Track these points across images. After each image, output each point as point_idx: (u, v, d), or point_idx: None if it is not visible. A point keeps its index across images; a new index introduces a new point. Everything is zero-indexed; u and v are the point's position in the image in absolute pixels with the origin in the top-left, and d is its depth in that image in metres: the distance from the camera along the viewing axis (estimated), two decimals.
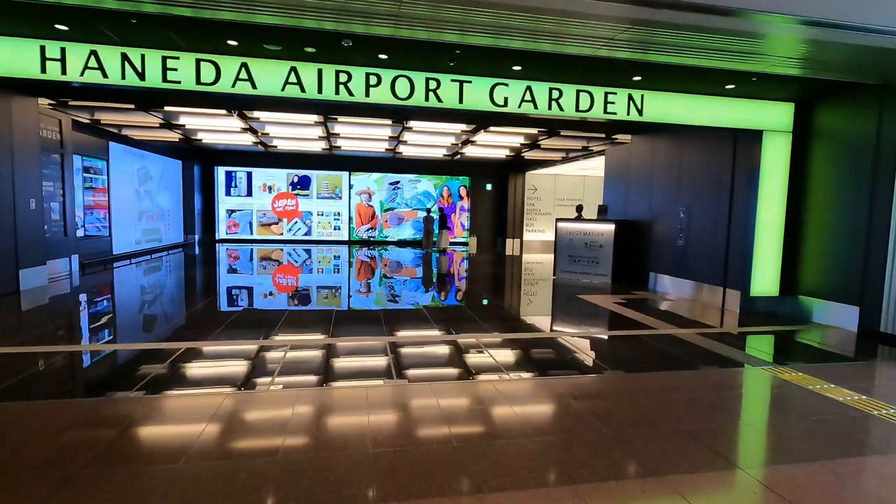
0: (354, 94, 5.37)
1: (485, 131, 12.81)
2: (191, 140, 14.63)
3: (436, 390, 3.55)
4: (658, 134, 8.72)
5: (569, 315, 6.79)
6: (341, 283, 9.98)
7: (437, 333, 5.30)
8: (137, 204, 12.62)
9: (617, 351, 4.97)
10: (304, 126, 12.99)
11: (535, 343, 5.14)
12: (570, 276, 9.69)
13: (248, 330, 5.40)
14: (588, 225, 9.51)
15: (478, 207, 19.20)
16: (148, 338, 5.06)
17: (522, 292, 8.81)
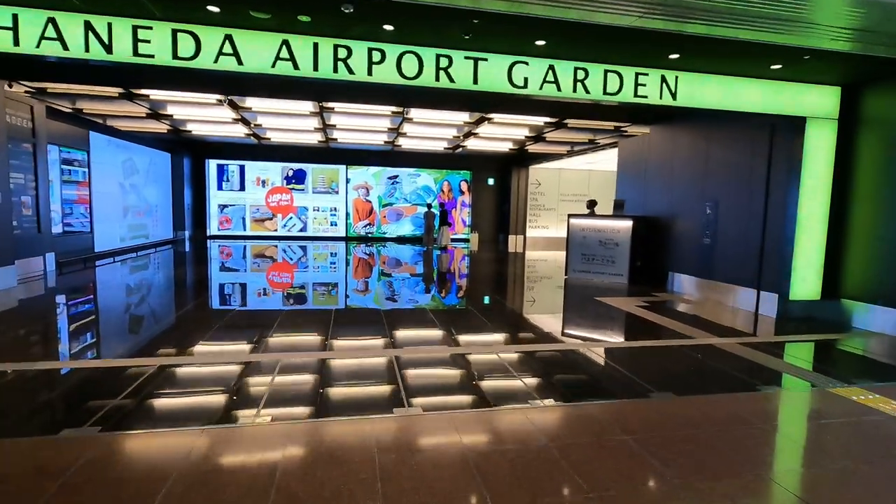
0: (355, 73, 4.71)
1: (489, 122, 12.20)
2: (180, 131, 13.92)
3: (457, 423, 2.92)
4: (682, 123, 8.09)
5: (590, 321, 6.17)
6: (338, 281, 9.34)
7: (448, 347, 4.67)
8: (122, 198, 11.91)
9: (655, 366, 4.36)
10: (299, 116, 12.33)
11: (561, 357, 4.52)
12: (584, 277, 9.08)
13: (234, 340, 4.76)
14: (603, 221, 8.89)
15: (479, 203, 18.56)
16: (118, 351, 4.41)
17: (534, 294, 8.19)
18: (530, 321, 5.97)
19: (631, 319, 6.06)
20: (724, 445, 2.74)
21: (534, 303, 7.35)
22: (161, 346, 4.50)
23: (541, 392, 3.53)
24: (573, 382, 3.84)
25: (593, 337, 5.38)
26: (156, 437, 2.72)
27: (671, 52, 4.96)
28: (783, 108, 5.77)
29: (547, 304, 7.30)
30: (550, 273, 11.26)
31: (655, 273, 8.66)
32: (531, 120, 11.82)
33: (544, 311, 6.74)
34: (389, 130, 13.70)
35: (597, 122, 11.94)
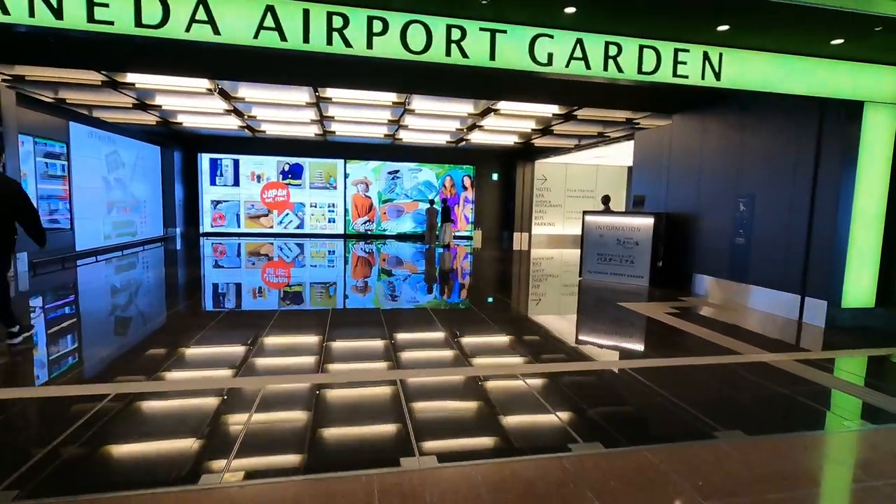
0: (353, 46, 4.03)
1: (495, 114, 11.53)
2: (169, 123, 13.23)
3: (480, 481, 2.26)
4: (712, 110, 7.40)
5: (618, 332, 5.50)
6: (336, 281, 8.68)
7: (461, 368, 4.00)
8: (106, 193, 11.21)
9: (708, 391, 3.69)
10: (295, 108, 11.64)
11: (595, 381, 3.85)
12: (600, 278, 8.41)
13: (213, 358, 4.10)
14: (621, 219, 8.21)
15: (483, 199, 17.88)
16: (71, 374, 3.73)
17: (549, 298, 7.53)
18: (550, 332, 5.30)
19: (663, 330, 5.39)
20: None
21: (550, 309, 6.68)
22: (126, 366, 3.82)
23: (579, 430, 2.86)
24: (616, 416, 3.17)
25: (626, 352, 4.71)
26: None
27: (718, 22, 4.28)
28: (838, 90, 5.09)
29: (565, 311, 6.63)
30: (560, 273, 10.60)
31: (678, 275, 8.00)
32: (539, 111, 11.18)
33: (564, 320, 6.07)
34: (390, 122, 13.02)
35: (608, 114, 11.30)
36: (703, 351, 4.57)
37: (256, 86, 10.01)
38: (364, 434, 2.78)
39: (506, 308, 6.53)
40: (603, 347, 4.84)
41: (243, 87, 10.25)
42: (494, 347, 4.63)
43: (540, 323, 5.71)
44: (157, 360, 3.91)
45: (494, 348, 4.60)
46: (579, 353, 4.48)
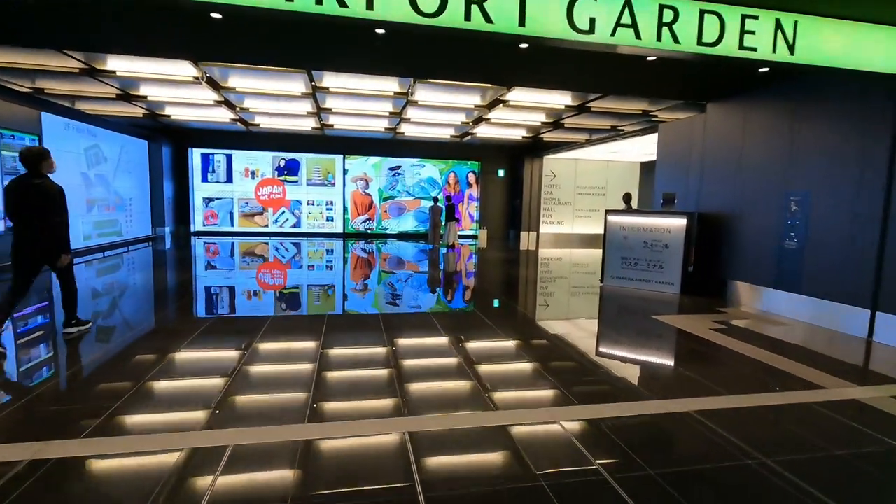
0: (349, 5, 3.21)
1: (503, 106, 10.73)
2: (157, 116, 12.42)
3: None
4: (755, 97, 6.57)
5: (661, 355, 4.67)
6: (334, 282, 7.88)
7: (483, 414, 3.20)
8: (86, 191, 10.40)
9: (809, 449, 2.87)
10: (290, 98, 10.84)
11: (663, 434, 3.02)
12: (624, 284, 7.61)
13: (177, 395, 3.31)
14: (649, 219, 7.40)
15: (488, 196, 17.06)
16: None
17: (571, 308, 6.72)
18: (579, 353, 4.49)
19: (715, 352, 4.58)
20: None
21: (574, 323, 5.87)
22: (66, 413, 3.03)
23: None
24: (695, 489, 2.37)
25: (680, 384, 3.89)
26: None
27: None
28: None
29: (591, 325, 5.81)
30: (577, 277, 9.81)
31: (710, 282, 7.20)
32: (551, 102, 10.41)
33: (593, 338, 5.25)
34: (391, 115, 12.21)
35: (624, 106, 10.48)
36: (776, 383, 3.77)
37: (247, 74, 9.24)
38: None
39: (523, 321, 5.72)
40: (649, 378, 4.03)
41: (233, 75, 9.48)
42: (517, 377, 3.83)
43: (566, 342, 4.90)
44: (114, 402, 3.10)
45: (517, 378, 3.80)
46: (623, 387, 3.68)
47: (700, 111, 8.42)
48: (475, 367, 3.96)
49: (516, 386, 3.64)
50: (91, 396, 3.24)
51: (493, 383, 3.61)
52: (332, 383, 3.56)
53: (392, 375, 3.72)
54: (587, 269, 11.12)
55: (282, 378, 3.70)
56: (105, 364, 3.93)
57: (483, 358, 4.20)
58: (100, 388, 3.39)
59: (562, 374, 3.86)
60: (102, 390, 3.35)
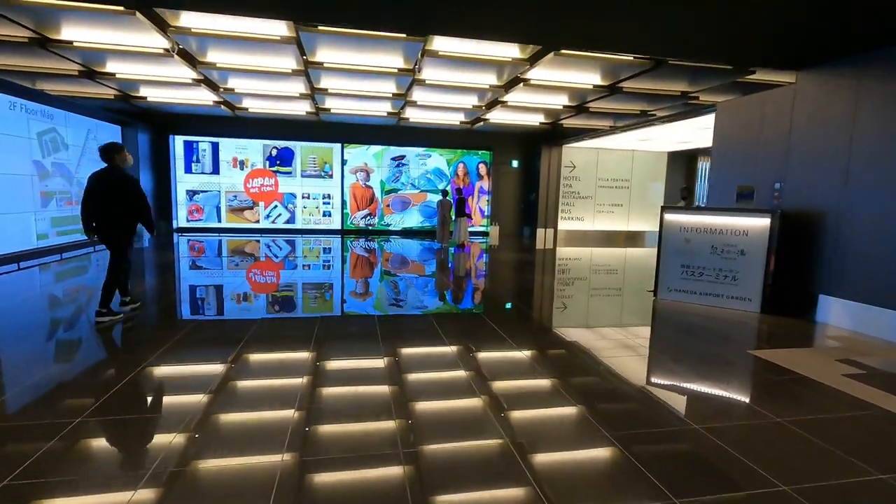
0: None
1: (524, 85, 9.33)
2: (130, 97, 10.97)
3: None
4: (872, 63, 5.11)
5: (809, 429, 3.18)
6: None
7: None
8: (38, 182, 8.94)
9: None
10: (280, 76, 9.44)
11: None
12: (686, 299, 6.17)
13: (127, 438, 1.93)
14: (720, 218, 5.94)
15: (501, 189, 15.59)
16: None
17: (627, 335, 5.27)
18: (668, 418, 3.07)
19: (887, 425, 3.12)
20: None
21: (643, 359, 4.43)
22: None
23: None
24: None
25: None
26: None
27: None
28: None
29: (664, 364, 4.36)
30: (616, 284, 8.38)
31: (795, 296, 5.76)
32: (578, 81, 9.08)
33: (676, 390, 3.79)
34: (395, 96, 10.76)
35: (661, 87, 8.92)
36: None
37: (227, 46, 7.85)
38: None
39: (570, 358, 4.27)
40: (801, 481, 2.58)
41: (212, 48, 8.08)
42: (568, 439, 2.41)
43: (632, 389, 3.46)
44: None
45: (568, 440, 2.39)
46: (757, 489, 2.26)
47: (740, 92, 7.07)
48: (526, 454, 2.53)
49: (575, 471, 2.23)
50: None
51: (544, 478, 2.19)
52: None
53: (399, 429, 2.30)
54: (621, 271, 9.69)
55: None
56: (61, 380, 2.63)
57: (529, 432, 2.78)
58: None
59: (639, 446, 2.43)
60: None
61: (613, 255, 12.38)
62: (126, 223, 4.75)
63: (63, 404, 3.00)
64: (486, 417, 2.94)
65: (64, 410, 2.89)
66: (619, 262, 11.40)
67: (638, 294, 7.17)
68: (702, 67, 7.88)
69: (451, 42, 7.57)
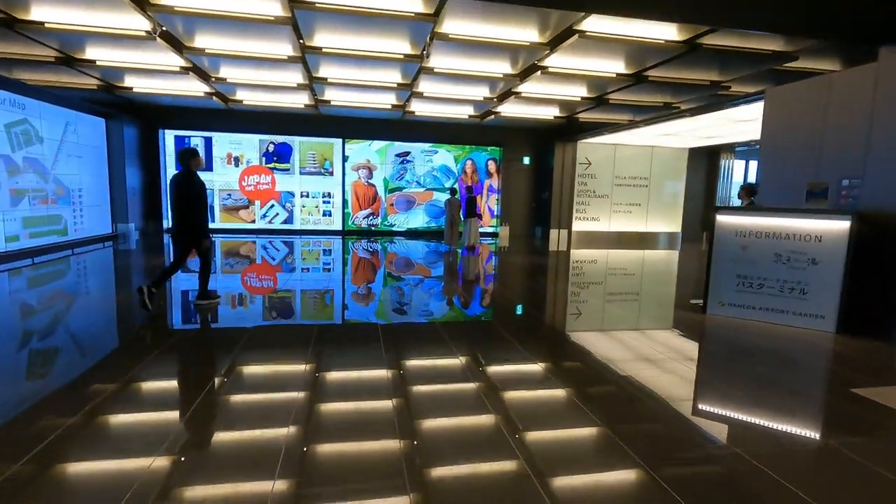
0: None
1: (542, 74, 8.55)
2: (114, 87, 10.19)
3: None
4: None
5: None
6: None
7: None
8: (8, 179, 8.10)
9: None
10: (275, 64, 8.67)
11: None
12: (742, 315, 5.30)
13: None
14: (787, 220, 5.06)
15: (511, 187, 14.73)
16: None
17: (673, 355, 4.39)
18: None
19: None
20: None
21: (712, 401, 3.56)
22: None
23: None
24: None
25: None
26: None
27: None
28: None
29: (725, 392, 3.48)
30: (639, 288, 7.51)
31: (873, 312, 4.89)
32: (601, 70, 8.40)
33: (749, 425, 2.94)
34: (400, 87, 9.94)
35: (690, 76, 8.39)
36: None
37: (216, 27, 7.07)
38: None
39: (616, 395, 3.40)
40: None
41: (200, 29, 7.30)
42: None
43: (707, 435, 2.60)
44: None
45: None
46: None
47: (773, 82, 6.27)
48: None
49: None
50: None
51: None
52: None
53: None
54: (647, 279, 8.82)
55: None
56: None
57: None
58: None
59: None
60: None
61: (634, 259, 11.52)
62: (195, 224, 5.07)
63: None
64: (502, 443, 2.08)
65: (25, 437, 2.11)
66: (643, 266, 10.54)
67: (680, 306, 6.31)
68: (741, 52, 7.07)
69: (464, 24, 6.77)
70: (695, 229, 15.06)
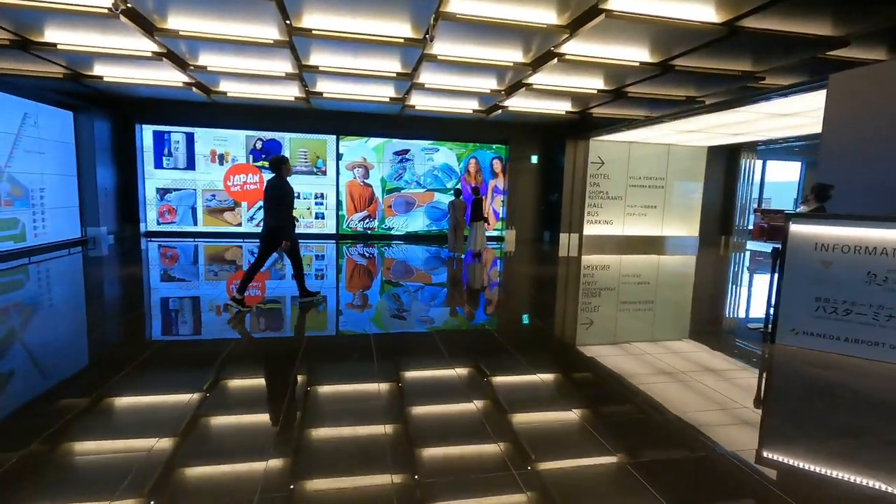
0: None
1: (559, 61, 7.67)
2: (82, 76, 9.18)
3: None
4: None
5: None
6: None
7: None
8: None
9: None
10: (260, 50, 7.69)
11: None
12: (822, 345, 4.34)
13: None
14: (884, 231, 4.10)
15: (518, 188, 13.76)
16: None
17: (734, 398, 3.41)
18: None
19: None
20: None
21: (787, 453, 2.60)
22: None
23: None
24: None
25: None
26: None
27: None
28: None
29: (829, 457, 2.53)
30: (679, 302, 6.51)
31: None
32: (625, 58, 7.50)
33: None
34: (399, 77, 8.97)
35: (721, 66, 7.58)
36: None
37: (188, 6, 6.10)
38: None
39: (647, 418, 2.44)
40: None
41: (172, 10, 6.36)
42: None
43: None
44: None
45: None
46: None
47: (809, 73, 5.47)
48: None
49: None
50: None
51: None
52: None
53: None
54: (680, 292, 7.87)
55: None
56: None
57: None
58: None
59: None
60: None
61: (656, 266, 10.57)
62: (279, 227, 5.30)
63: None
64: None
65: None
66: (669, 275, 9.59)
67: (735, 330, 5.33)
68: (784, 37, 6.18)
69: (474, 2, 5.83)
70: (713, 233, 14.15)
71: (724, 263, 11.47)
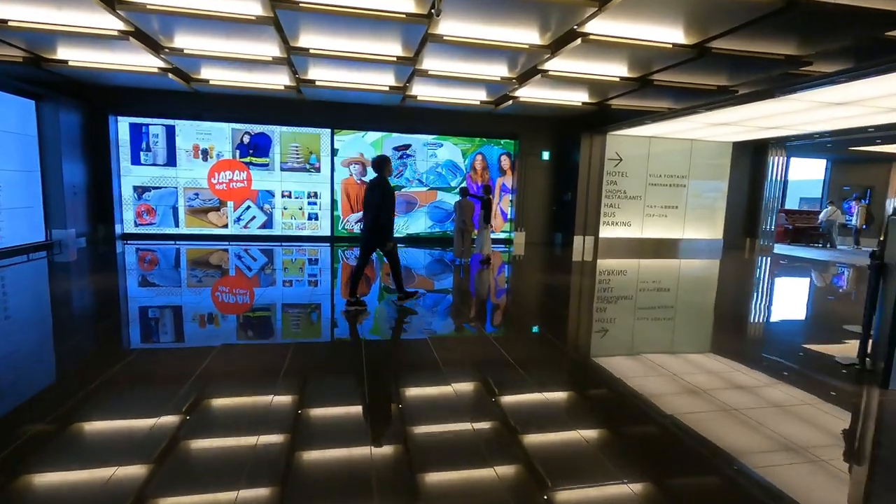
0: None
1: (582, 42, 6.66)
2: (44, 60, 8.15)
3: None
4: None
5: None
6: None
7: None
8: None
9: None
10: (242, 27, 6.67)
11: None
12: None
13: None
14: None
15: (528, 187, 12.74)
16: None
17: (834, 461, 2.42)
18: None
19: None
20: None
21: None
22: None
23: None
24: None
25: None
26: None
27: None
28: None
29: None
30: (730, 317, 5.49)
31: None
32: (656, 36, 6.51)
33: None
34: (400, 61, 7.94)
35: (763, 49, 6.59)
36: None
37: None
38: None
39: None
40: None
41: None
42: None
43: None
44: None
45: None
46: None
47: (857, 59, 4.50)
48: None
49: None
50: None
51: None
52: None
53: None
54: (716, 307, 6.88)
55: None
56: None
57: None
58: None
59: None
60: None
61: (672, 272, 9.58)
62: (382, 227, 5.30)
63: None
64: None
65: None
66: (701, 283, 8.60)
67: (820, 366, 4.31)
68: (843, 10, 5.18)
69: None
70: (737, 236, 13.15)
71: (744, 266, 10.54)
